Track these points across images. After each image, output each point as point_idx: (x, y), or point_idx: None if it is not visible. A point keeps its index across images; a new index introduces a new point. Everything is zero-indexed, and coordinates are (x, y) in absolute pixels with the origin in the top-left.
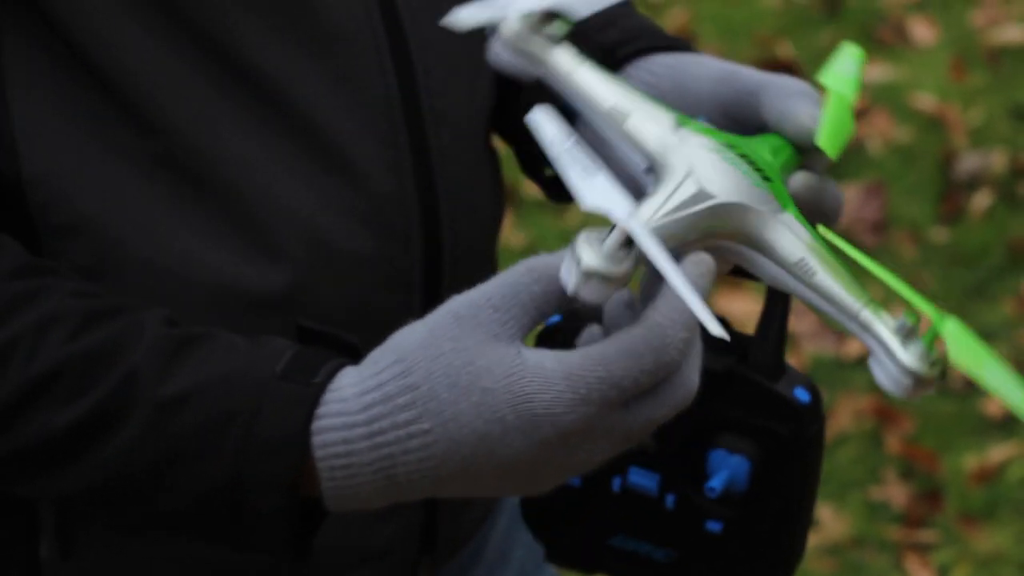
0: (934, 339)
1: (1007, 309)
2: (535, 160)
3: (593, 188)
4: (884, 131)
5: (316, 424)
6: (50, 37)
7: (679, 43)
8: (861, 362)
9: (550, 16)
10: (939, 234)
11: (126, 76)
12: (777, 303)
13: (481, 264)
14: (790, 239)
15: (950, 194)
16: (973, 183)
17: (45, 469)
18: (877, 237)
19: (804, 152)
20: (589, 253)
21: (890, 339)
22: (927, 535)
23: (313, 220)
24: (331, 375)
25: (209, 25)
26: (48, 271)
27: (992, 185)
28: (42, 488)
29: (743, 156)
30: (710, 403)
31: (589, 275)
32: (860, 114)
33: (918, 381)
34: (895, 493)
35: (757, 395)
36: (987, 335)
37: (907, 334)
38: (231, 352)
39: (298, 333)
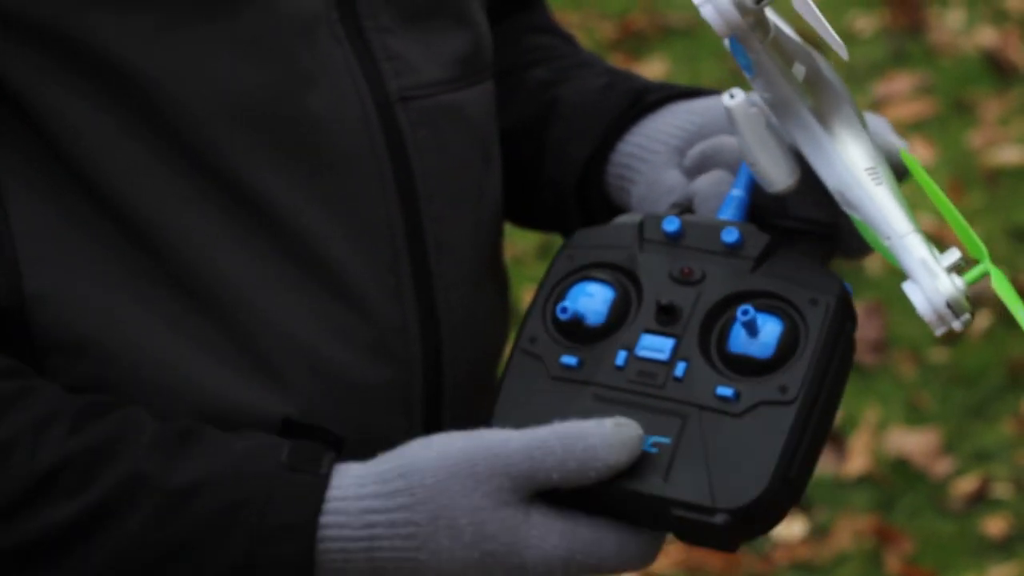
0: (978, 278)
1: (1007, 429)
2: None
3: None
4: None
5: (321, 519)
6: (49, 159)
7: (702, 91)
8: (861, 482)
9: None
10: (939, 354)
11: (127, 198)
12: (821, 246)
13: (482, 387)
14: (868, 145)
15: None
16: (972, 304)
17: (48, 561)
18: (877, 356)
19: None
20: None
21: (936, 264)
22: None
23: (314, 346)
24: (332, 466)
25: (210, 148)
26: (32, 373)
27: (991, 306)
28: None
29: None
30: (750, 269)
31: None
32: None
33: (953, 308)
34: None
35: (802, 267)
36: (987, 456)
37: (953, 267)
38: (231, 444)
39: (283, 425)
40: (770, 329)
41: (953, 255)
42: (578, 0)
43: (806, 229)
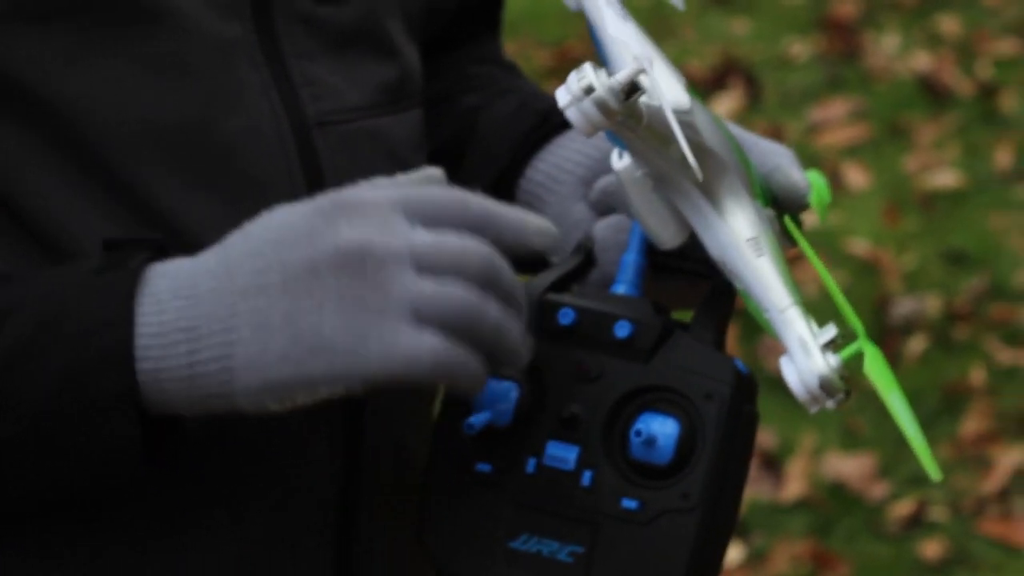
0: (853, 355)
1: (943, 454)
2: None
3: (624, 28)
4: (819, 276)
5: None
6: None
7: None
8: (798, 507)
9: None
10: None
11: (39, 221)
12: (719, 302)
13: (408, 428)
14: (752, 215)
15: (885, 339)
16: (908, 328)
17: None
18: None
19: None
20: (594, 76)
21: (812, 341)
22: None
23: None
24: (145, 262)
25: (124, 171)
26: None
27: (927, 330)
28: None
29: (735, 146)
30: (644, 362)
31: (586, 93)
32: (793, 260)
33: (825, 388)
34: None
35: (695, 355)
36: (923, 480)
37: (829, 344)
38: (40, 272)
39: (104, 245)
40: (667, 433)
41: (830, 332)
42: (515, 28)
43: (703, 271)
